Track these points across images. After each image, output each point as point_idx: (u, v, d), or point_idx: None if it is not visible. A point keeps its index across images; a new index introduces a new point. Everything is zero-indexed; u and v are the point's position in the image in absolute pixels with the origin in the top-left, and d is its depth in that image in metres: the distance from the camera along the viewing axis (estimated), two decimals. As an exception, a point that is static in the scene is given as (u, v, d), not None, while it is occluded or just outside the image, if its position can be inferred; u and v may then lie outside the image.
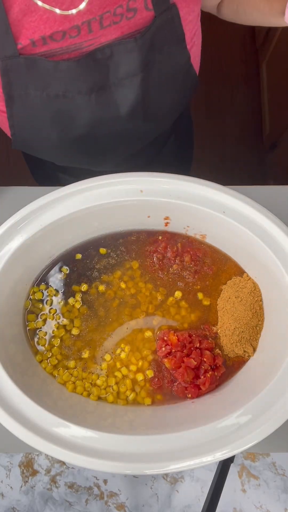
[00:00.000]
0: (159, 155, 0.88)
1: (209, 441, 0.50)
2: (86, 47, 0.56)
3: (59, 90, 0.58)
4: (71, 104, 0.59)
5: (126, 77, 0.58)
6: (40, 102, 0.59)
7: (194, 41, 0.64)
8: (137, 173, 0.61)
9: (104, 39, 0.56)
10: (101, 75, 0.58)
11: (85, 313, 0.63)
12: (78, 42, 0.55)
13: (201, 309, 0.64)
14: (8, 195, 0.74)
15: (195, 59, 0.66)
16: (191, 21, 0.61)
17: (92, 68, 0.56)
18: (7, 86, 0.57)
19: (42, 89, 0.58)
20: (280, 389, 0.52)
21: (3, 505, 0.63)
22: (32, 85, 0.57)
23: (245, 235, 0.59)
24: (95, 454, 0.50)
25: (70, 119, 0.61)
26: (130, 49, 0.56)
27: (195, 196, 0.60)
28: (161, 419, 0.56)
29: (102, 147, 0.69)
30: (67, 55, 0.56)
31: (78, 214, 0.60)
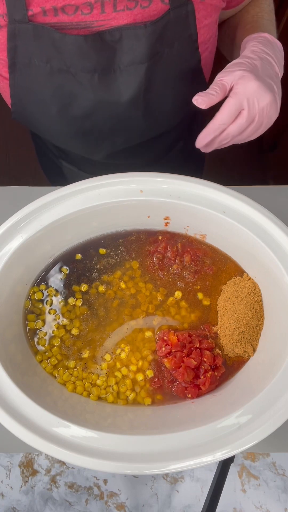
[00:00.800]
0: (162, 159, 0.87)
1: (209, 441, 0.50)
2: (96, 27, 0.56)
3: (63, 64, 0.57)
4: (73, 81, 0.59)
5: (132, 64, 0.58)
6: (43, 74, 0.59)
7: (207, 47, 0.64)
8: (137, 173, 0.61)
9: (115, 23, 0.56)
10: (107, 57, 0.57)
11: (85, 313, 0.63)
12: (89, 21, 0.55)
13: (201, 309, 0.64)
14: (8, 195, 0.74)
15: (206, 65, 0.66)
16: (206, 26, 0.61)
17: (99, 48, 0.56)
18: (12, 51, 0.57)
19: (47, 60, 0.57)
20: (280, 389, 0.52)
21: (3, 505, 0.63)
22: (37, 55, 0.57)
23: (245, 235, 0.59)
24: (95, 454, 0.50)
25: (71, 97, 0.61)
26: (139, 35, 0.56)
27: (195, 196, 0.60)
28: (161, 419, 0.56)
29: (99, 133, 0.68)
30: (76, 31, 0.56)
31: (78, 214, 0.60)
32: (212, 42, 0.66)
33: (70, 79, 0.59)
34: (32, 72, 0.59)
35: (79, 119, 0.64)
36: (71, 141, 0.71)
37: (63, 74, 0.58)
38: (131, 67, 0.58)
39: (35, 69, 0.59)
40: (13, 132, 1.78)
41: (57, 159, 0.89)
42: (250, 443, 0.50)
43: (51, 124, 0.66)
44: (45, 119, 0.66)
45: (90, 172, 0.85)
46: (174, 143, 0.86)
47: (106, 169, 0.83)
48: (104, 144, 0.71)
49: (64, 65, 0.58)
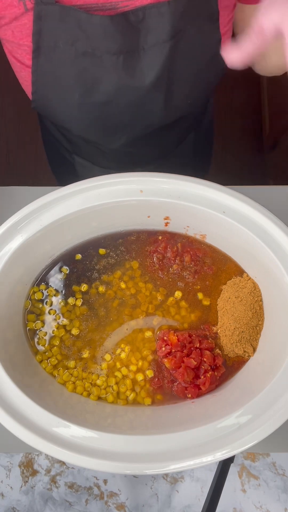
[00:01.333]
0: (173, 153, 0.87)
1: (209, 441, 0.50)
2: (121, 8, 0.56)
3: (88, 47, 0.57)
4: (97, 64, 0.59)
5: (155, 43, 0.58)
6: (67, 58, 0.58)
7: (227, 30, 0.64)
8: (137, 173, 0.61)
9: (139, 3, 0.56)
10: (132, 38, 0.57)
11: (85, 313, 0.63)
12: (114, 1, 0.55)
13: (201, 309, 0.64)
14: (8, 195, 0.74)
15: None
16: (226, 7, 0.61)
17: (124, 29, 0.56)
18: (37, 34, 0.56)
19: (72, 43, 0.57)
20: (280, 389, 0.52)
21: (3, 505, 0.63)
22: (63, 37, 0.57)
23: (245, 235, 0.59)
24: (95, 454, 0.50)
25: (94, 81, 0.61)
26: (162, 12, 0.56)
27: (195, 196, 0.60)
28: (161, 419, 0.56)
29: (119, 119, 0.68)
30: (102, 12, 0.56)
31: (78, 214, 0.60)
32: (230, 28, 0.66)
33: (94, 62, 0.59)
34: (56, 56, 0.59)
35: (101, 105, 0.64)
36: (90, 129, 0.71)
37: (88, 57, 0.58)
38: (155, 47, 0.59)
39: (59, 53, 0.58)
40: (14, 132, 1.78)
41: (69, 155, 0.89)
42: (250, 443, 0.50)
43: (72, 111, 0.66)
44: (66, 105, 0.65)
45: (104, 165, 0.85)
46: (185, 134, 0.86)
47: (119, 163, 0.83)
48: (124, 131, 0.71)
49: (89, 47, 0.57)
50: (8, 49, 0.63)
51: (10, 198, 0.73)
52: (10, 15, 0.56)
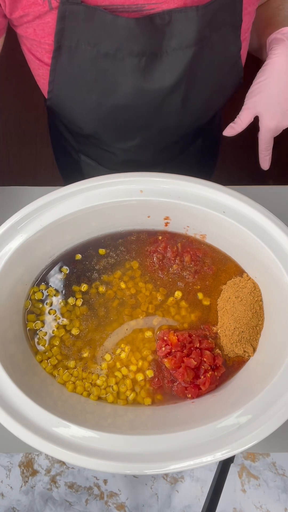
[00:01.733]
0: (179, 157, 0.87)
1: (209, 441, 0.50)
2: (147, 10, 0.56)
3: (110, 48, 0.57)
4: (118, 66, 0.58)
5: (179, 47, 0.58)
6: (88, 59, 0.58)
7: (246, 36, 0.64)
8: (137, 173, 0.61)
9: (166, 6, 0.55)
10: (156, 41, 0.57)
11: (85, 313, 0.63)
12: (140, 4, 0.55)
13: (201, 309, 0.64)
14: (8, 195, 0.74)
15: (243, 55, 0.66)
16: (249, 13, 0.61)
17: (149, 31, 0.56)
18: (59, 33, 0.56)
19: (94, 44, 0.57)
20: (280, 389, 0.52)
21: (3, 505, 0.63)
22: (85, 38, 0.56)
23: (245, 235, 0.59)
24: (95, 454, 0.50)
25: (113, 83, 0.60)
26: (190, 18, 0.55)
27: (195, 196, 0.60)
28: (161, 419, 0.56)
29: (136, 121, 0.67)
30: (127, 14, 0.55)
31: (78, 214, 0.60)
32: (250, 32, 0.66)
33: (115, 64, 0.58)
34: (78, 56, 0.58)
35: (119, 107, 0.64)
36: (104, 129, 0.70)
37: (109, 59, 0.58)
38: (178, 51, 0.58)
39: (80, 53, 0.58)
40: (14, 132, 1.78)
41: (76, 154, 0.88)
42: (250, 443, 0.50)
43: (88, 111, 0.66)
44: (83, 106, 0.65)
45: (109, 167, 0.85)
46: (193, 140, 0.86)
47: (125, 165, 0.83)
48: (139, 133, 0.71)
49: (112, 49, 0.57)
50: (27, 47, 0.63)
51: (10, 198, 0.73)
52: (34, 12, 0.56)
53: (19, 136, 1.78)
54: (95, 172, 0.87)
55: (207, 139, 0.90)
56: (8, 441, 0.63)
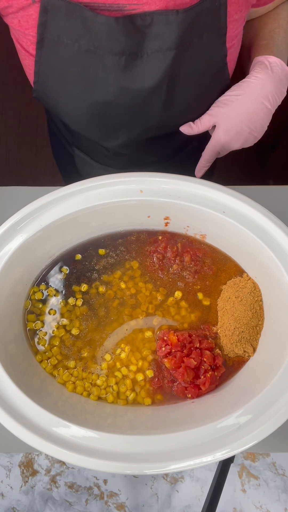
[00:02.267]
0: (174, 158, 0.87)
1: (209, 441, 0.50)
2: (128, 11, 0.56)
3: (91, 45, 0.58)
4: (99, 63, 0.59)
5: (160, 50, 0.58)
6: (70, 53, 0.59)
7: (234, 43, 0.64)
8: (137, 173, 0.61)
9: (147, 8, 0.56)
10: (136, 41, 0.58)
11: (85, 313, 0.63)
12: (122, 3, 0.55)
13: (201, 309, 0.63)
14: (8, 195, 0.74)
15: (231, 62, 0.66)
16: (236, 20, 0.61)
17: (129, 31, 0.57)
18: (42, 26, 0.57)
19: (75, 39, 0.57)
20: (280, 389, 0.52)
21: (3, 505, 0.63)
22: (67, 33, 0.57)
23: (245, 235, 0.59)
24: (95, 454, 0.50)
25: (95, 80, 0.61)
26: (170, 21, 0.56)
27: (195, 196, 0.60)
28: (161, 419, 0.56)
29: (117, 119, 0.68)
30: (108, 12, 0.56)
31: (78, 214, 0.60)
32: (238, 40, 0.66)
33: (97, 61, 0.59)
34: (59, 50, 0.59)
35: (100, 104, 0.64)
36: (88, 125, 0.71)
37: (90, 55, 0.59)
38: (158, 53, 0.59)
39: (62, 47, 0.59)
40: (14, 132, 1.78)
41: (70, 147, 0.89)
42: (250, 443, 0.50)
43: (71, 105, 0.66)
44: (66, 100, 0.66)
45: (102, 162, 0.85)
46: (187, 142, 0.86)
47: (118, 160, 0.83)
48: (121, 132, 0.71)
49: (92, 46, 0.58)
50: (15, 36, 0.64)
51: (10, 198, 0.73)
52: (17, 4, 0.57)
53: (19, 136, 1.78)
54: (89, 168, 0.88)
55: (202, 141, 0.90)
56: (8, 441, 0.63)
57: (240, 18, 0.62)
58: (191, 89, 0.65)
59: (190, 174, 0.63)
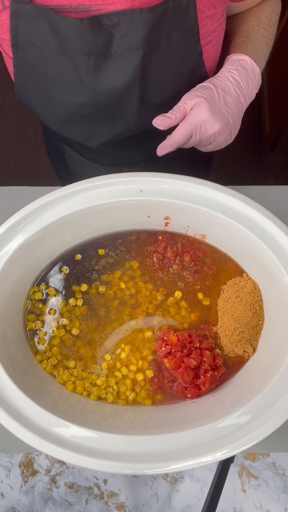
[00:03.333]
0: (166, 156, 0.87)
1: (209, 441, 0.50)
2: (95, 11, 0.56)
3: (60, 47, 0.58)
4: (71, 64, 0.60)
5: (128, 49, 0.59)
6: (44, 55, 0.60)
7: (211, 39, 0.64)
8: (137, 173, 0.61)
9: (113, 7, 0.56)
10: (104, 41, 0.58)
11: (85, 313, 0.63)
12: (87, 4, 0.56)
13: (201, 309, 0.64)
14: (8, 195, 0.74)
15: (209, 58, 0.66)
16: (210, 17, 0.61)
17: (96, 32, 0.57)
18: (14, 30, 0.58)
19: (46, 41, 0.58)
20: (280, 389, 0.52)
21: (3, 505, 0.63)
22: (37, 36, 0.58)
23: (245, 235, 0.59)
24: (95, 454, 0.50)
25: (70, 81, 0.62)
26: (136, 20, 0.56)
27: (195, 196, 0.60)
28: (161, 419, 0.56)
29: (97, 118, 0.68)
30: (75, 14, 0.57)
31: (78, 214, 0.60)
32: (217, 35, 0.65)
33: (68, 62, 0.60)
34: (33, 53, 0.60)
35: (77, 104, 0.65)
36: (68, 127, 0.71)
37: (62, 57, 0.59)
38: (127, 53, 0.59)
39: (36, 50, 0.60)
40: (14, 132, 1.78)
41: (60, 144, 0.89)
42: (250, 443, 0.50)
43: (50, 107, 0.67)
44: (45, 102, 0.66)
45: (91, 159, 0.85)
46: None
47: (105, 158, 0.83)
48: (103, 131, 0.71)
49: (62, 48, 0.58)
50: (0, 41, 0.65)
51: (10, 198, 0.73)
52: None
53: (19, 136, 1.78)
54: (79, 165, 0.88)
55: None
56: (8, 441, 0.63)
57: (215, 14, 0.61)
58: (166, 88, 0.65)
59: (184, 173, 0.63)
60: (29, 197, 0.61)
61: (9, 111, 1.79)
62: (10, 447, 0.64)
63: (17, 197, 0.73)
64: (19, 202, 0.61)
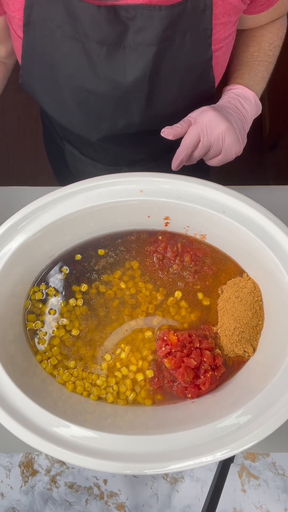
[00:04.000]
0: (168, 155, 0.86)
1: (209, 441, 0.50)
2: (112, 1, 0.56)
3: (74, 31, 0.58)
4: (82, 50, 0.60)
5: (141, 44, 0.59)
6: (55, 38, 0.59)
7: (221, 46, 0.64)
8: (137, 173, 0.61)
9: (131, 1, 0.56)
10: (119, 32, 0.58)
11: (85, 313, 0.63)
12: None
13: (201, 309, 0.64)
14: (8, 195, 0.74)
15: (217, 65, 0.67)
16: (223, 24, 0.61)
17: (111, 21, 0.57)
18: (28, 9, 0.58)
19: (60, 25, 0.58)
20: (280, 389, 0.52)
21: (3, 505, 0.63)
22: (51, 18, 0.58)
23: (245, 235, 0.59)
24: (95, 454, 0.50)
25: (79, 66, 0.61)
26: (153, 16, 0.56)
27: (195, 196, 0.60)
28: (161, 419, 0.56)
29: (100, 110, 0.68)
30: (92, 0, 0.56)
31: (78, 214, 0.60)
32: (228, 44, 0.66)
33: (80, 48, 0.60)
34: (45, 35, 0.60)
35: (84, 91, 0.65)
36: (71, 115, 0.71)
37: (74, 42, 0.59)
38: (140, 47, 0.59)
39: (48, 32, 0.59)
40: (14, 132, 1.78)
41: (61, 141, 0.89)
42: (250, 443, 0.50)
43: (55, 92, 0.66)
44: (50, 85, 0.66)
45: (91, 157, 0.85)
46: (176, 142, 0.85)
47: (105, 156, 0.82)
48: (105, 124, 0.71)
49: (76, 33, 0.58)
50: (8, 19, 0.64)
51: (10, 198, 0.73)
52: None
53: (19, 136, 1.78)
54: (79, 163, 0.88)
55: None
56: (8, 441, 0.63)
57: (228, 21, 0.62)
58: (174, 88, 0.65)
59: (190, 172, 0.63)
60: (29, 197, 0.61)
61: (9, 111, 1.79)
62: (10, 447, 0.64)
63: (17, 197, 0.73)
64: (19, 202, 0.61)
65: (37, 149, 1.75)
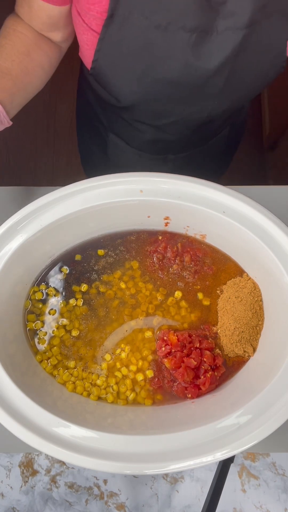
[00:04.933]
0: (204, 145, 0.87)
1: (209, 441, 0.50)
2: None
3: (163, 20, 0.58)
4: (168, 39, 0.59)
5: (230, 28, 0.59)
6: (139, 29, 0.59)
7: None
8: (137, 173, 0.61)
9: None
10: (209, 18, 0.58)
11: (85, 313, 0.63)
12: None
13: (201, 309, 0.64)
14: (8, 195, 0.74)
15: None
16: None
17: (203, 8, 0.57)
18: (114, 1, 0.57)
19: (148, 15, 0.58)
20: (280, 389, 0.52)
21: (3, 505, 0.63)
22: (140, 8, 0.57)
23: (245, 235, 0.59)
24: (95, 454, 0.50)
25: (161, 56, 0.61)
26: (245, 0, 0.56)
27: (195, 196, 0.60)
28: (161, 419, 0.56)
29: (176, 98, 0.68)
30: None
31: (78, 214, 0.60)
32: None
33: (165, 37, 0.59)
34: (128, 26, 0.59)
35: (162, 81, 0.64)
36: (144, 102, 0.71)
37: (160, 31, 0.59)
38: (228, 32, 0.59)
39: (132, 23, 0.59)
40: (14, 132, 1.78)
41: (105, 132, 0.89)
42: (250, 443, 0.50)
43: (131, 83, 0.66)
44: (127, 77, 0.66)
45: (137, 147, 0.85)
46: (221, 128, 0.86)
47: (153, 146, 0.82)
48: (176, 110, 0.71)
49: (164, 21, 0.58)
50: (77, 10, 0.64)
51: (10, 198, 0.73)
52: None
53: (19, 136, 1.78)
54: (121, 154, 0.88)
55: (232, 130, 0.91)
56: (8, 441, 0.63)
57: None
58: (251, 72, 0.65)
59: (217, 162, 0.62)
60: (29, 197, 0.61)
61: (9, 111, 1.79)
62: (10, 447, 0.64)
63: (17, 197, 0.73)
64: (19, 202, 0.61)
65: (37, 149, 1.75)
